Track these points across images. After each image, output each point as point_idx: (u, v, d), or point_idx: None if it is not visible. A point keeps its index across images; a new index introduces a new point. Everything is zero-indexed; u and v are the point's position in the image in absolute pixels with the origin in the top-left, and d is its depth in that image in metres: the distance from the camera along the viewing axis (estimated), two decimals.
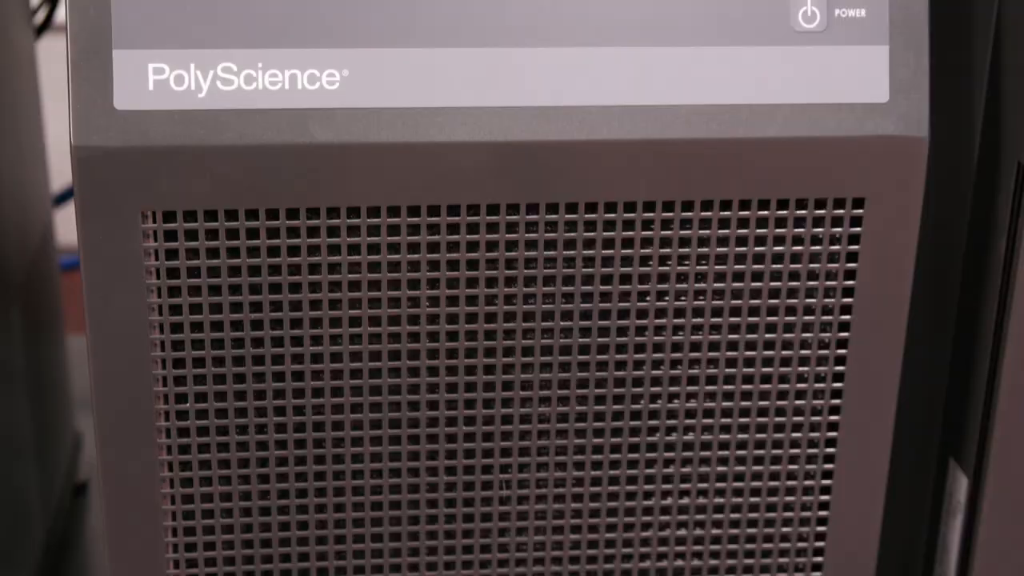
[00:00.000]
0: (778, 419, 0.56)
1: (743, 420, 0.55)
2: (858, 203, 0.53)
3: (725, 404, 0.55)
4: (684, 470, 0.56)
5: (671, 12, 0.51)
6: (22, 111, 0.78)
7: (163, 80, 0.49)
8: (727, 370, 0.55)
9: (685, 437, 0.56)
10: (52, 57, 0.95)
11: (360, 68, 0.50)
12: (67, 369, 0.89)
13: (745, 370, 0.55)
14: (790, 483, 0.57)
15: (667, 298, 0.53)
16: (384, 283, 0.52)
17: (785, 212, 0.53)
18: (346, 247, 0.51)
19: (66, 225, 1.06)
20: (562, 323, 0.53)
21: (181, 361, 0.52)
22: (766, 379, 0.55)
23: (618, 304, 0.53)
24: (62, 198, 0.97)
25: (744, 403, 0.55)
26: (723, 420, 0.55)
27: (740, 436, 0.56)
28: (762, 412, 0.55)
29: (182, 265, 0.51)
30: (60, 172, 0.97)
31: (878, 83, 0.52)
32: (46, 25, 0.87)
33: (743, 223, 0.53)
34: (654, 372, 0.54)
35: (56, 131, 0.97)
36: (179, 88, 0.49)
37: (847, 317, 0.54)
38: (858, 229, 0.53)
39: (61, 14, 0.91)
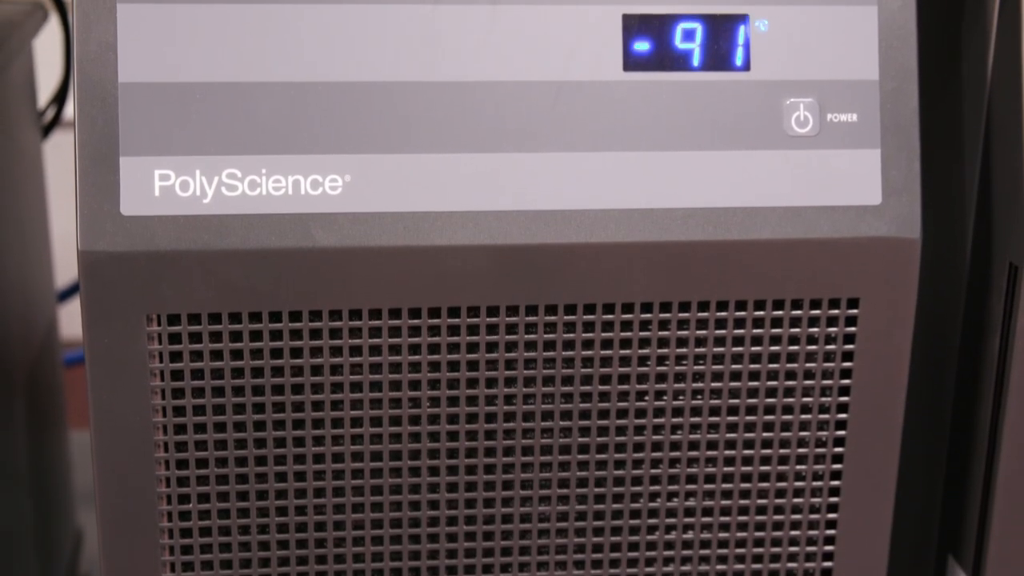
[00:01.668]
0: (776, 517, 0.56)
1: (741, 519, 0.56)
2: (853, 303, 0.54)
3: (724, 503, 0.56)
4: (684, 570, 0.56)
5: (667, 117, 0.52)
6: (28, 209, 0.79)
7: (169, 186, 0.50)
8: (725, 469, 0.55)
9: (684, 536, 0.56)
10: (58, 152, 0.96)
11: (362, 173, 0.51)
12: (69, 464, 0.90)
13: (743, 469, 0.55)
14: None
15: (665, 398, 0.54)
16: (385, 384, 0.53)
17: (781, 312, 0.53)
18: (348, 349, 0.52)
19: (69, 320, 1.07)
20: (561, 423, 0.54)
21: (184, 462, 0.53)
22: (764, 478, 0.55)
23: (617, 404, 0.54)
24: (66, 294, 0.98)
25: (743, 502, 0.56)
26: (722, 519, 0.56)
27: (739, 534, 0.56)
28: (761, 510, 0.56)
29: (186, 367, 0.52)
30: (65, 267, 0.98)
31: (871, 186, 0.53)
32: (53, 124, 0.88)
33: (740, 323, 0.53)
34: (653, 471, 0.55)
35: (61, 225, 0.98)
36: (184, 194, 0.50)
37: (844, 416, 0.55)
38: (853, 328, 0.54)
39: (67, 112, 0.93)
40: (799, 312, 0.53)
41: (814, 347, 0.54)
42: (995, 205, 0.55)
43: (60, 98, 0.89)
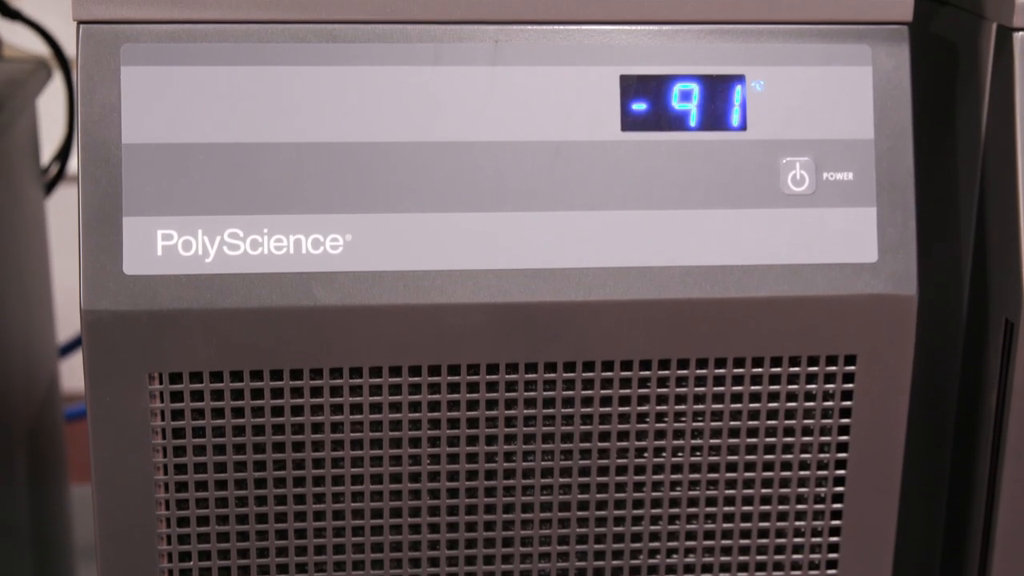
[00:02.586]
0: (776, 573, 0.56)
1: (741, 575, 0.56)
2: (850, 360, 0.54)
3: (723, 559, 0.56)
4: None
5: (664, 177, 0.52)
6: (30, 265, 0.80)
7: (171, 246, 0.51)
8: (724, 526, 0.55)
9: None
10: (61, 206, 0.97)
11: (363, 233, 0.51)
12: (69, 519, 0.90)
13: (742, 525, 0.55)
14: None
15: (664, 454, 0.54)
16: (386, 442, 0.53)
17: (779, 369, 0.54)
18: (349, 407, 0.52)
19: (71, 373, 1.07)
20: (561, 480, 0.54)
21: (185, 520, 0.53)
22: (764, 534, 0.56)
23: (616, 461, 0.54)
24: (68, 348, 0.98)
25: (742, 558, 0.56)
26: (721, 575, 0.56)
27: None
28: (760, 567, 0.56)
29: (187, 425, 0.52)
30: (67, 321, 0.99)
31: (867, 243, 0.53)
32: (57, 180, 0.89)
33: (738, 380, 0.54)
34: (652, 528, 0.55)
35: (64, 279, 0.98)
36: (187, 253, 0.51)
37: (842, 472, 0.55)
38: (851, 385, 0.54)
39: (71, 167, 0.93)
40: (797, 369, 0.54)
41: (812, 404, 0.54)
42: (990, 262, 0.56)
43: (63, 154, 0.89)
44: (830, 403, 0.54)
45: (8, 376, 0.73)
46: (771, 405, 0.54)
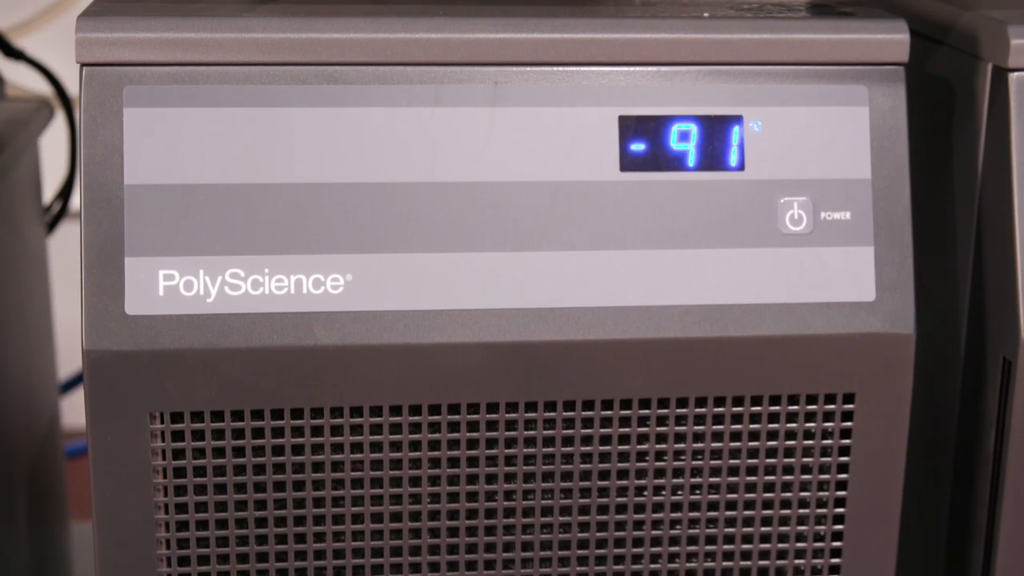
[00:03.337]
0: None
1: None
2: (849, 398, 0.54)
3: None
4: None
5: (663, 216, 0.53)
6: (32, 304, 0.80)
7: (173, 286, 0.51)
8: (724, 564, 0.55)
9: None
10: (63, 242, 0.97)
11: (363, 272, 0.52)
12: (70, 557, 0.90)
13: (742, 563, 0.55)
14: None
15: (664, 493, 0.54)
16: (386, 480, 0.53)
17: (778, 407, 0.54)
18: (349, 446, 0.52)
19: (71, 410, 1.07)
20: (561, 519, 0.54)
21: (186, 559, 0.53)
22: (764, 573, 0.56)
23: (616, 499, 0.54)
24: (69, 385, 0.98)
25: None
26: None
27: None
28: None
29: (188, 464, 0.52)
30: (68, 357, 0.99)
31: (864, 282, 0.54)
32: (59, 218, 0.89)
33: (737, 419, 0.54)
34: (652, 566, 0.55)
35: (65, 315, 0.98)
36: (188, 293, 0.51)
37: (841, 510, 0.55)
38: (850, 423, 0.54)
39: (72, 205, 0.94)
40: (795, 407, 0.54)
41: (811, 442, 0.54)
42: (988, 300, 0.56)
43: (65, 192, 0.90)
44: (829, 441, 0.54)
45: (9, 414, 0.73)
46: (770, 443, 0.54)
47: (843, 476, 0.55)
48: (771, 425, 0.54)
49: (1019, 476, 0.55)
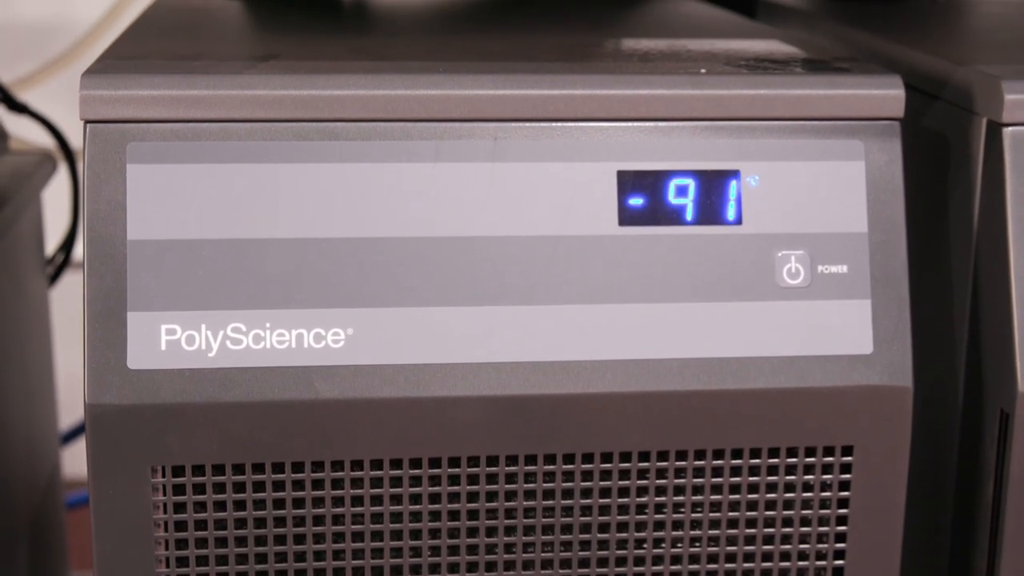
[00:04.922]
0: None
1: None
2: (847, 451, 0.54)
3: None
4: None
5: (661, 270, 0.53)
6: (33, 356, 0.81)
7: (175, 340, 0.51)
8: None
9: None
10: (65, 293, 0.97)
11: (364, 327, 0.52)
12: None
13: None
14: None
15: (664, 545, 0.55)
16: (387, 534, 0.53)
17: (776, 460, 0.54)
18: (350, 499, 0.53)
19: (72, 460, 1.07)
20: (562, 572, 0.54)
21: None
22: None
23: (616, 552, 0.54)
24: (70, 435, 0.98)
25: None
26: None
27: None
28: None
29: (190, 518, 0.52)
30: (69, 408, 0.99)
31: (862, 335, 0.54)
32: (61, 270, 0.90)
33: (736, 472, 0.54)
34: None
35: (67, 366, 0.99)
36: (190, 348, 0.51)
37: (840, 562, 0.55)
38: (848, 476, 0.54)
39: (75, 255, 0.94)
40: (794, 460, 0.54)
41: (809, 495, 0.55)
42: (985, 353, 0.56)
43: (68, 244, 0.90)
44: (828, 493, 0.55)
45: (10, 466, 0.73)
46: (769, 496, 0.54)
47: (842, 528, 0.55)
48: (770, 478, 0.54)
49: (1018, 527, 0.55)
